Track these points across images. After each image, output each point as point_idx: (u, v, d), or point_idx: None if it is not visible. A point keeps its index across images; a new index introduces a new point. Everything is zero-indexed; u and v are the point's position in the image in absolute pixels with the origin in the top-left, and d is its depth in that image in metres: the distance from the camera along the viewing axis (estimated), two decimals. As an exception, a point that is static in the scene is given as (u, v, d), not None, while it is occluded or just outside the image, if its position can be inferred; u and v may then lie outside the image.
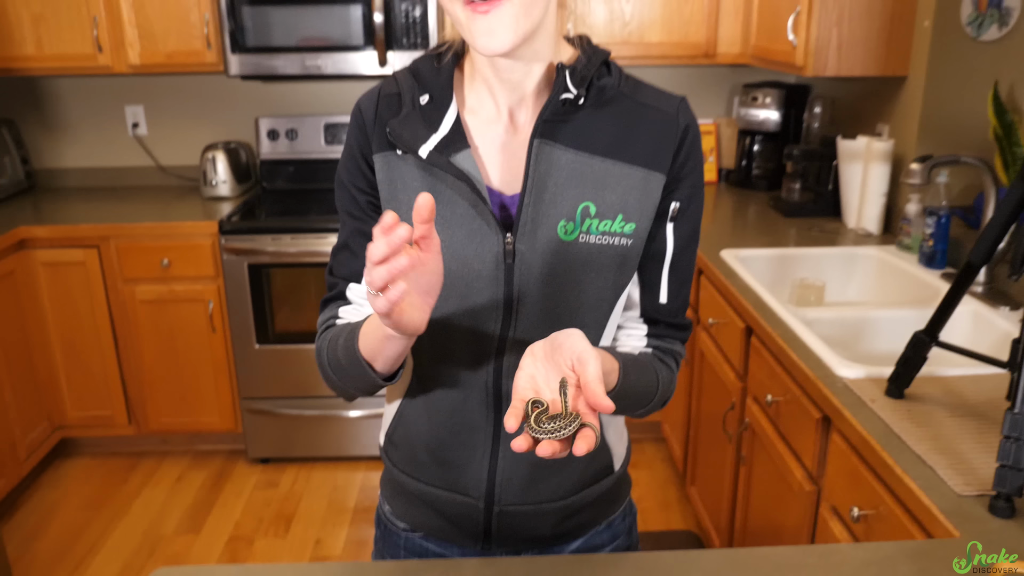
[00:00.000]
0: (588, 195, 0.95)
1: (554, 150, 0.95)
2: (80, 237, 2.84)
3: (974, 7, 2.21)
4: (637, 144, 0.97)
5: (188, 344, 2.96)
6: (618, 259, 0.98)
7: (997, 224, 1.30)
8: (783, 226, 2.63)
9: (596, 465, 1.11)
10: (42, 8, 2.89)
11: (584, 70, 0.96)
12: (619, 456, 1.15)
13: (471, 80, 1.00)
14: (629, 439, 1.21)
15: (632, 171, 0.96)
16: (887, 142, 2.39)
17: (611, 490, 1.15)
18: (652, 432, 3.17)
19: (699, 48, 2.96)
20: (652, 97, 1.00)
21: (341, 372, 0.99)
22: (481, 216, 0.95)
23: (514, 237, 0.95)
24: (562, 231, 0.95)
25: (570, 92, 0.94)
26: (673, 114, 0.99)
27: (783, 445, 1.75)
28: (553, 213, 0.95)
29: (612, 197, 0.96)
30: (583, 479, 1.10)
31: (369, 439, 3.06)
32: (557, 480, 1.08)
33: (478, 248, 0.95)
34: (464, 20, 0.87)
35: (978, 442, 1.29)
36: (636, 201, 0.97)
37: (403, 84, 1.00)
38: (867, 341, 1.89)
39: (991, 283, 1.94)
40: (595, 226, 0.95)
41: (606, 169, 0.96)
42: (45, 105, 3.36)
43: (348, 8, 2.83)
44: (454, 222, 0.96)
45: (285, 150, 3.30)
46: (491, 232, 0.95)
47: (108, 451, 3.20)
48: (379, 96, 1.00)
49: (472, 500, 1.08)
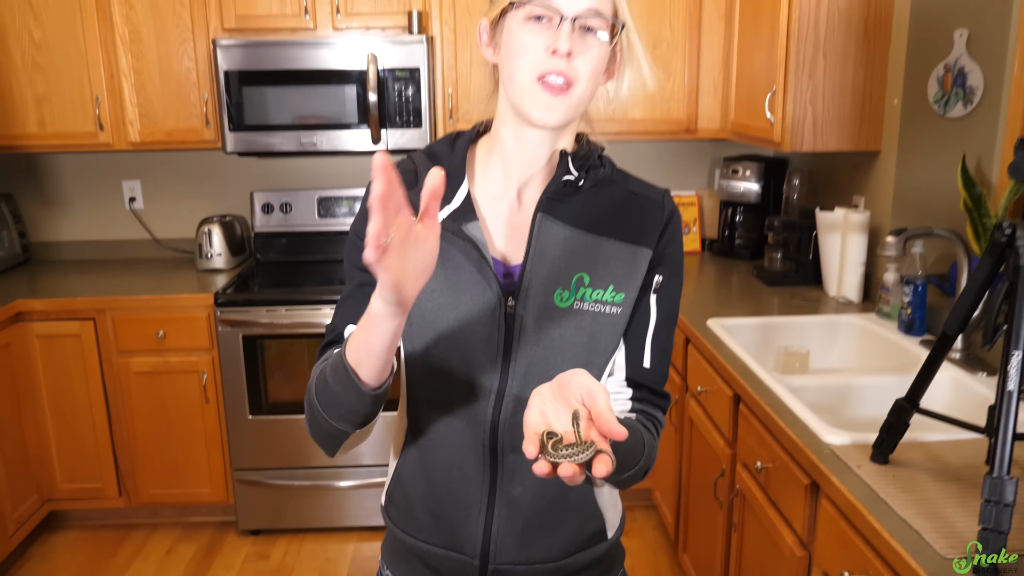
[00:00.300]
0: (583, 267, 1.05)
1: (554, 226, 1.06)
2: (76, 310, 2.88)
3: (940, 86, 2.33)
4: (627, 224, 1.08)
5: (181, 415, 2.98)
6: (608, 325, 1.06)
7: (969, 295, 1.38)
8: (766, 295, 2.71)
9: (589, 529, 1.16)
10: (46, 88, 2.99)
11: (584, 157, 1.08)
12: (612, 524, 1.19)
13: (485, 160, 1.11)
14: (624, 509, 1.25)
15: (622, 247, 1.07)
16: (863, 213, 2.49)
17: (604, 557, 1.19)
18: (643, 499, 3.18)
19: (681, 124, 3.08)
20: (640, 187, 1.13)
21: (326, 396, 0.98)
22: (486, 280, 1.04)
23: (515, 302, 1.04)
24: (558, 298, 1.05)
25: (571, 174, 1.07)
26: (660, 201, 1.12)
27: (773, 511, 1.79)
28: (551, 282, 1.05)
29: (604, 269, 1.06)
30: (576, 541, 1.14)
31: (361, 509, 3.05)
32: (551, 540, 1.12)
33: (481, 310, 1.04)
34: (529, 91, 0.99)
35: (961, 506, 1.34)
36: (626, 273, 1.07)
37: (419, 163, 1.11)
38: (851, 407, 1.95)
39: (969, 350, 2.01)
40: (589, 295, 1.05)
41: (599, 245, 1.06)
42: (43, 180, 3.43)
43: (343, 88, 2.94)
44: (460, 285, 1.05)
45: (279, 223, 3.37)
46: (493, 296, 1.04)
47: (97, 523, 3.18)
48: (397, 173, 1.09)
49: (468, 558, 1.12)
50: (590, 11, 0.98)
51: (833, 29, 2.42)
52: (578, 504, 1.14)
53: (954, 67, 2.32)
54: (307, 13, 2.95)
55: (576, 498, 1.13)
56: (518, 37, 0.99)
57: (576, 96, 1.00)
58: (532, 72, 0.99)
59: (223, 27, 2.96)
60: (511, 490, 1.10)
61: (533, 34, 0.98)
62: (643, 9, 2.98)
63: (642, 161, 3.46)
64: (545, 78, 0.98)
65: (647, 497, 3.18)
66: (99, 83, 2.98)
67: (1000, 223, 1.27)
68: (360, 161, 3.45)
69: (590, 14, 0.98)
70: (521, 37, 0.99)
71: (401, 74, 2.91)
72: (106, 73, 2.98)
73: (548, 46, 0.97)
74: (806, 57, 2.44)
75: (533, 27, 0.99)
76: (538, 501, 1.10)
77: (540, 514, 1.11)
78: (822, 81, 2.46)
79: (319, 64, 2.92)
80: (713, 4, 3.00)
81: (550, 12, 0.98)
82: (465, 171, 1.10)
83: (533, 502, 1.10)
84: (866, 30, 2.43)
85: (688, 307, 2.56)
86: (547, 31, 0.98)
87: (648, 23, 3.00)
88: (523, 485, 1.10)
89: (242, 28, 2.97)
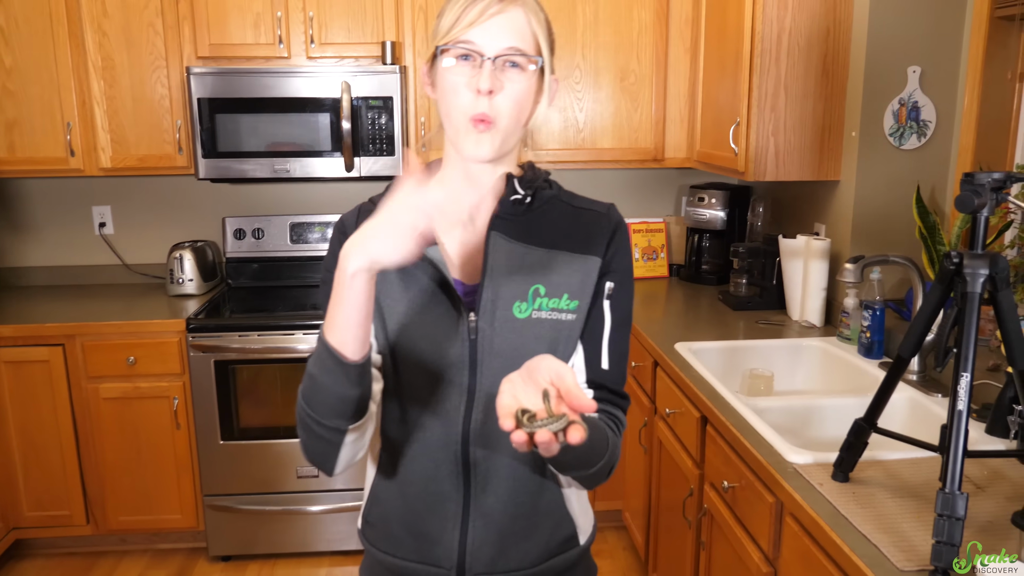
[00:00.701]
0: (538, 279, 1.13)
1: (508, 243, 1.14)
2: (45, 335, 2.86)
3: (895, 119, 2.44)
4: (575, 236, 1.17)
5: (151, 441, 2.96)
6: (565, 331, 1.14)
7: (921, 320, 1.45)
8: (732, 319, 2.78)
9: (561, 534, 1.21)
10: (16, 113, 2.99)
11: (530, 180, 1.18)
12: (584, 530, 1.25)
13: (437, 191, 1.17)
14: (595, 520, 1.30)
15: (573, 258, 1.15)
16: (824, 241, 2.57)
17: (577, 564, 1.24)
18: (613, 520, 3.22)
19: (648, 153, 3.17)
20: (586, 203, 1.22)
21: (311, 388, 1.02)
22: (449, 299, 1.12)
23: (477, 316, 1.11)
24: (517, 310, 1.12)
25: (518, 194, 1.15)
26: (605, 213, 1.21)
27: (740, 529, 1.84)
28: (509, 295, 1.12)
29: (558, 279, 1.14)
30: (549, 547, 1.19)
31: (333, 534, 3.05)
32: (525, 547, 1.17)
33: (446, 327, 1.12)
34: (463, 131, 1.08)
35: (917, 520, 1.40)
36: (578, 282, 1.14)
37: (379, 201, 1.16)
38: (814, 427, 2.01)
39: (924, 372, 2.09)
40: (545, 304, 1.13)
41: (551, 257, 1.14)
42: (12, 205, 3.42)
43: (317, 116, 2.98)
44: (425, 305, 1.12)
45: (251, 248, 3.38)
46: (457, 314, 1.12)
47: (65, 551, 3.14)
48: (359, 212, 1.19)
49: (444, 571, 1.17)
50: (511, 49, 1.07)
51: (794, 64, 2.52)
52: (549, 510, 1.19)
53: (908, 101, 2.42)
54: (281, 42, 3.00)
55: (547, 504, 1.18)
56: (447, 77, 1.08)
57: (502, 129, 1.08)
58: (463, 112, 1.07)
59: (197, 55, 2.99)
60: (485, 500, 1.15)
61: (460, 75, 1.07)
62: (612, 42, 3.07)
63: (611, 189, 3.54)
64: (473, 117, 1.06)
65: (617, 518, 3.21)
66: (71, 109, 2.99)
67: (949, 252, 1.35)
68: (333, 187, 3.49)
69: (511, 52, 1.07)
70: (450, 78, 1.07)
71: (374, 103, 2.96)
72: (78, 99, 2.99)
73: (470, 84, 1.06)
74: (768, 91, 2.54)
75: (460, 68, 1.07)
76: (510, 508, 1.15)
77: (513, 521, 1.16)
78: (783, 114, 2.56)
79: (293, 92, 2.96)
80: (679, 38, 3.10)
81: (473, 53, 1.06)
82: None
83: (505, 510, 1.15)
84: (825, 66, 2.53)
85: (656, 331, 2.62)
86: (472, 71, 1.06)
87: (616, 56, 3.09)
88: (495, 494, 1.15)
89: (216, 56, 3.00)
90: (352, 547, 3.07)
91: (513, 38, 1.06)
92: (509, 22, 1.06)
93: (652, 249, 3.50)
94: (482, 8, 1.05)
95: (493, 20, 1.05)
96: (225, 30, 2.98)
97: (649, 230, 3.50)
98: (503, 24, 1.06)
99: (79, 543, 3.15)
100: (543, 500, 1.18)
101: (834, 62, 2.53)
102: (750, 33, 2.54)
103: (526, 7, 1.08)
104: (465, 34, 1.05)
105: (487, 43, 1.05)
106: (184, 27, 2.97)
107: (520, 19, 1.07)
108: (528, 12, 1.08)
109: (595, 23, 3.07)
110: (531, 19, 1.09)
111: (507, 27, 1.06)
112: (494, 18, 1.05)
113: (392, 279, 1.13)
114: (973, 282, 1.32)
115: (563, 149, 3.15)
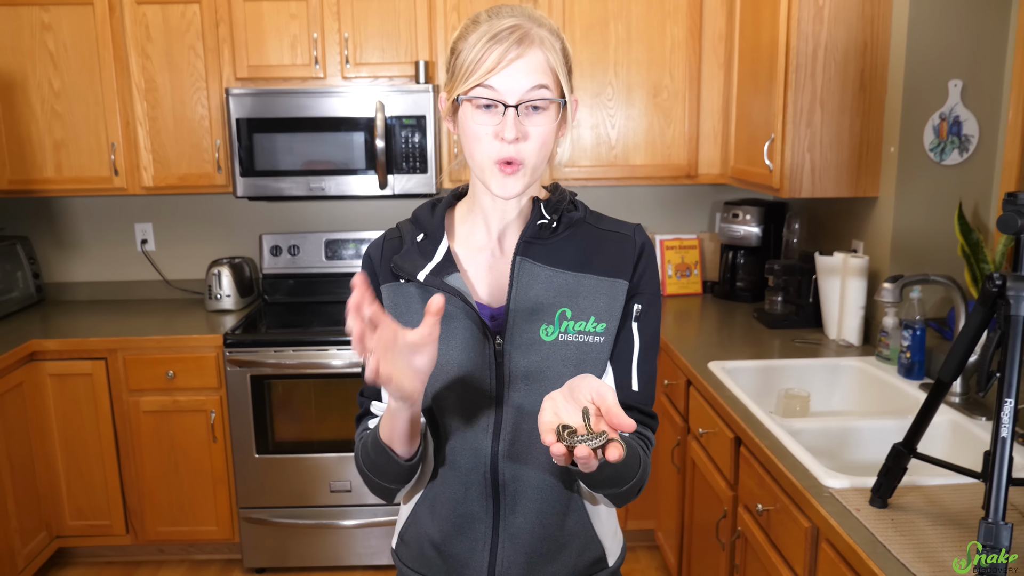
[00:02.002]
0: (564, 302, 1.14)
1: (534, 267, 1.14)
2: (88, 349, 2.93)
3: (935, 135, 2.39)
4: (602, 259, 1.17)
5: (188, 454, 3.01)
6: (593, 354, 1.14)
7: (963, 342, 1.41)
8: (767, 337, 2.75)
9: (589, 556, 1.21)
10: (64, 134, 3.07)
11: (555, 203, 1.18)
12: (612, 552, 1.25)
13: (465, 217, 1.21)
14: (624, 542, 1.30)
15: (600, 281, 1.15)
16: (862, 258, 2.53)
17: None
18: (646, 540, 3.19)
19: (681, 169, 3.15)
20: (612, 224, 1.21)
21: (372, 466, 1.14)
22: (475, 324, 1.13)
23: (503, 339, 1.12)
24: (544, 333, 1.13)
25: (544, 218, 1.16)
26: (631, 235, 1.20)
27: (775, 553, 1.81)
28: (535, 318, 1.13)
29: (585, 303, 1.14)
30: (577, 569, 1.20)
31: (365, 548, 3.06)
32: (553, 568, 1.18)
33: (472, 352, 1.13)
34: (489, 172, 1.09)
35: (958, 550, 1.36)
36: (605, 305, 1.14)
37: (404, 229, 1.22)
38: (851, 450, 1.97)
39: (967, 394, 2.04)
40: (571, 327, 1.13)
41: (578, 281, 1.15)
42: (58, 223, 3.50)
43: (351, 135, 3.01)
44: (450, 332, 1.13)
45: (286, 265, 3.43)
46: (482, 337, 1.13)
47: (104, 560, 3.19)
48: (384, 241, 1.23)
49: None
50: (532, 89, 1.06)
51: (830, 79, 2.49)
52: (576, 531, 1.19)
53: (949, 116, 2.38)
54: (317, 63, 3.04)
55: (573, 525, 1.19)
56: (471, 126, 1.08)
57: (530, 169, 1.09)
58: (487, 157, 1.08)
59: (236, 76, 3.05)
60: (513, 521, 1.16)
61: (483, 123, 1.07)
62: (644, 58, 3.07)
63: (644, 205, 3.53)
64: (499, 160, 1.07)
65: (650, 537, 3.18)
66: (115, 130, 3.07)
67: (991, 274, 1.32)
68: (367, 205, 3.52)
69: (532, 93, 1.06)
70: (473, 126, 1.08)
71: (408, 121, 2.99)
72: (122, 120, 3.06)
73: (496, 133, 1.06)
74: (803, 106, 2.51)
75: (482, 116, 1.07)
76: (537, 530, 1.16)
77: (541, 543, 1.17)
78: (819, 129, 2.53)
79: (328, 112, 3.00)
80: (712, 54, 3.08)
81: (495, 101, 1.06)
82: (444, 230, 1.19)
83: (533, 531, 1.16)
84: (862, 80, 2.50)
85: (689, 349, 2.60)
86: (495, 117, 1.07)
87: (649, 72, 3.08)
88: (524, 515, 1.16)
89: (254, 77, 3.05)
90: (383, 562, 3.08)
91: (533, 79, 1.05)
92: (528, 65, 1.05)
93: (686, 266, 3.47)
94: (500, 54, 1.04)
95: (513, 66, 1.04)
96: (263, 52, 3.04)
97: (682, 246, 3.47)
98: (522, 68, 1.05)
99: (119, 552, 3.20)
100: (569, 521, 1.18)
101: (872, 76, 2.50)
102: (785, 48, 2.52)
103: (544, 45, 1.07)
104: (486, 80, 1.05)
105: (508, 90, 1.05)
106: (224, 49, 3.03)
107: (539, 60, 1.06)
108: (546, 51, 1.07)
109: (627, 40, 3.06)
110: (549, 56, 1.07)
111: (527, 70, 1.05)
112: (513, 64, 1.04)
113: (416, 308, 1.15)
114: (1017, 305, 1.29)
115: (595, 166, 3.15)
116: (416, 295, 1.16)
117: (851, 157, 2.55)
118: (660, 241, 3.45)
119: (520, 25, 1.05)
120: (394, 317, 1.14)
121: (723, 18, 3.05)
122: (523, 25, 1.06)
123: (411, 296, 1.16)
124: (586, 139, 3.13)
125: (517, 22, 1.06)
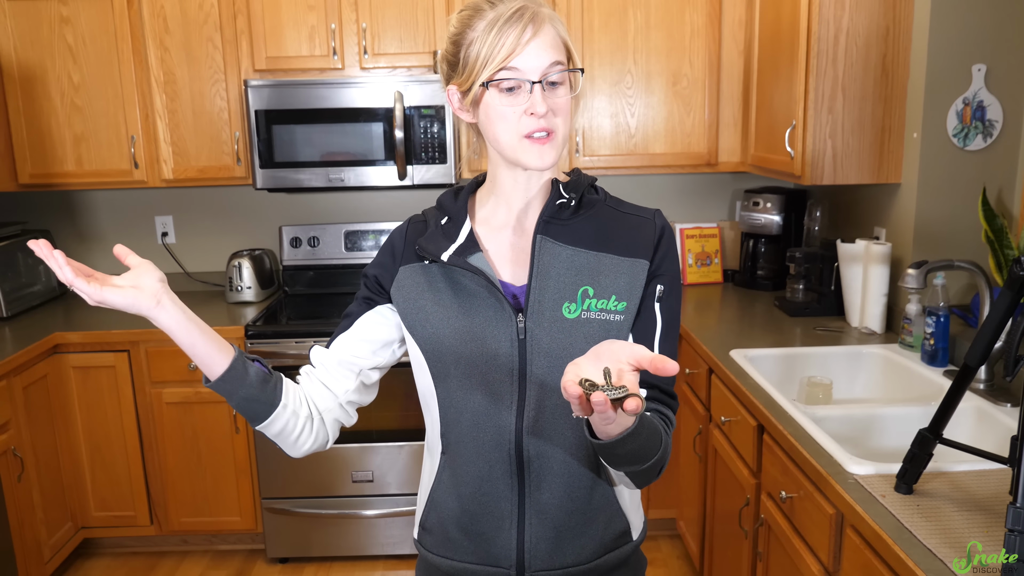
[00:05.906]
0: (586, 281, 1.15)
1: (554, 246, 1.16)
2: (111, 342, 2.95)
3: (959, 120, 2.37)
4: (622, 239, 1.18)
5: (211, 445, 3.03)
6: (614, 331, 1.15)
7: (989, 328, 1.40)
8: (789, 325, 2.73)
9: (615, 529, 1.23)
10: (84, 128, 3.09)
11: (574, 184, 1.21)
12: (636, 526, 1.27)
13: (486, 200, 1.23)
14: (646, 519, 1.32)
15: (620, 260, 1.17)
16: (885, 245, 2.51)
17: (629, 559, 1.26)
18: (667, 528, 3.18)
19: (701, 158, 3.13)
20: (632, 208, 1.24)
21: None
22: (497, 302, 1.15)
23: (525, 317, 1.14)
24: (566, 310, 1.14)
25: (563, 197, 1.19)
26: (651, 218, 1.22)
27: (799, 541, 1.80)
28: (557, 296, 1.14)
29: (606, 281, 1.15)
30: (604, 542, 1.21)
31: (386, 538, 3.08)
32: (581, 542, 1.19)
33: (495, 329, 1.15)
34: (521, 147, 1.12)
35: (986, 535, 1.35)
36: (626, 284, 1.16)
37: (428, 214, 1.26)
38: (875, 437, 1.96)
39: (992, 380, 2.02)
40: (594, 305, 1.14)
41: (599, 260, 1.17)
42: (79, 216, 3.53)
43: (370, 126, 3.02)
44: (473, 310, 1.16)
45: (306, 256, 3.44)
46: (505, 315, 1.15)
47: (129, 551, 3.23)
48: (408, 225, 1.26)
49: (504, 570, 1.19)
50: (551, 65, 1.09)
51: (851, 65, 2.47)
52: (602, 505, 1.20)
53: (972, 101, 2.35)
54: (335, 54, 3.04)
55: (599, 499, 1.20)
56: (497, 109, 1.11)
57: (560, 138, 1.13)
58: (518, 134, 1.11)
59: (254, 68, 3.06)
60: (539, 497, 1.17)
61: (510, 105, 1.10)
62: (663, 46, 3.05)
63: (663, 194, 3.51)
64: (531, 135, 1.10)
65: (671, 526, 3.18)
66: (135, 123, 3.08)
67: (1018, 258, 1.30)
68: (387, 195, 3.53)
69: (552, 68, 1.09)
70: (500, 109, 1.11)
71: (427, 112, 2.99)
72: (141, 113, 3.08)
73: (526, 109, 1.10)
74: (825, 93, 2.48)
75: (507, 98, 1.10)
76: (565, 504, 1.17)
77: (568, 517, 1.18)
78: (841, 116, 2.50)
79: (347, 103, 3.00)
80: (732, 41, 3.06)
81: (519, 81, 1.09)
82: (467, 213, 1.23)
83: (560, 505, 1.17)
84: (884, 66, 2.47)
85: (711, 338, 2.59)
86: (519, 97, 1.10)
87: (668, 60, 3.06)
88: (550, 491, 1.17)
89: (272, 69, 3.06)
90: (406, 551, 3.09)
91: (551, 55, 1.09)
92: (543, 43, 1.09)
93: (706, 254, 3.46)
94: (517, 36, 1.07)
95: (531, 45, 1.08)
96: (281, 43, 3.04)
97: (703, 235, 3.46)
98: (540, 46, 1.09)
99: (143, 543, 3.24)
100: (596, 496, 1.20)
101: (894, 62, 2.47)
102: (806, 34, 2.49)
103: (552, 20, 1.11)
104: (508, 62, 1.08)
105: (530, 68, 1.09)
106: (242, 41, 3.04)
107: (552, 36, 1.10)
108: (555, 24, 1.11)
109: (646, 28, 3.05)
110: (558, 29, 1.12)
111: (544, 48, 1.09)
112: (531, 43, 1.08)
113: (440, 286, 1.18)
114: (1044, 289, 1.27)
115: (615, 155, 3.13)
116: (440, 275, 1.19)
117: (873, 143, 2.52)
118: (680, 230, 3.43)
119: (527, 6, 1.09)
120: (418, 296, 1.20)
121: (743, 4, 3.03)
122: (529, 6, 1.09)
123: (435, 276, 1.19)
124: (605, 128, 3.12)
125: (522, 3, 1.09)
